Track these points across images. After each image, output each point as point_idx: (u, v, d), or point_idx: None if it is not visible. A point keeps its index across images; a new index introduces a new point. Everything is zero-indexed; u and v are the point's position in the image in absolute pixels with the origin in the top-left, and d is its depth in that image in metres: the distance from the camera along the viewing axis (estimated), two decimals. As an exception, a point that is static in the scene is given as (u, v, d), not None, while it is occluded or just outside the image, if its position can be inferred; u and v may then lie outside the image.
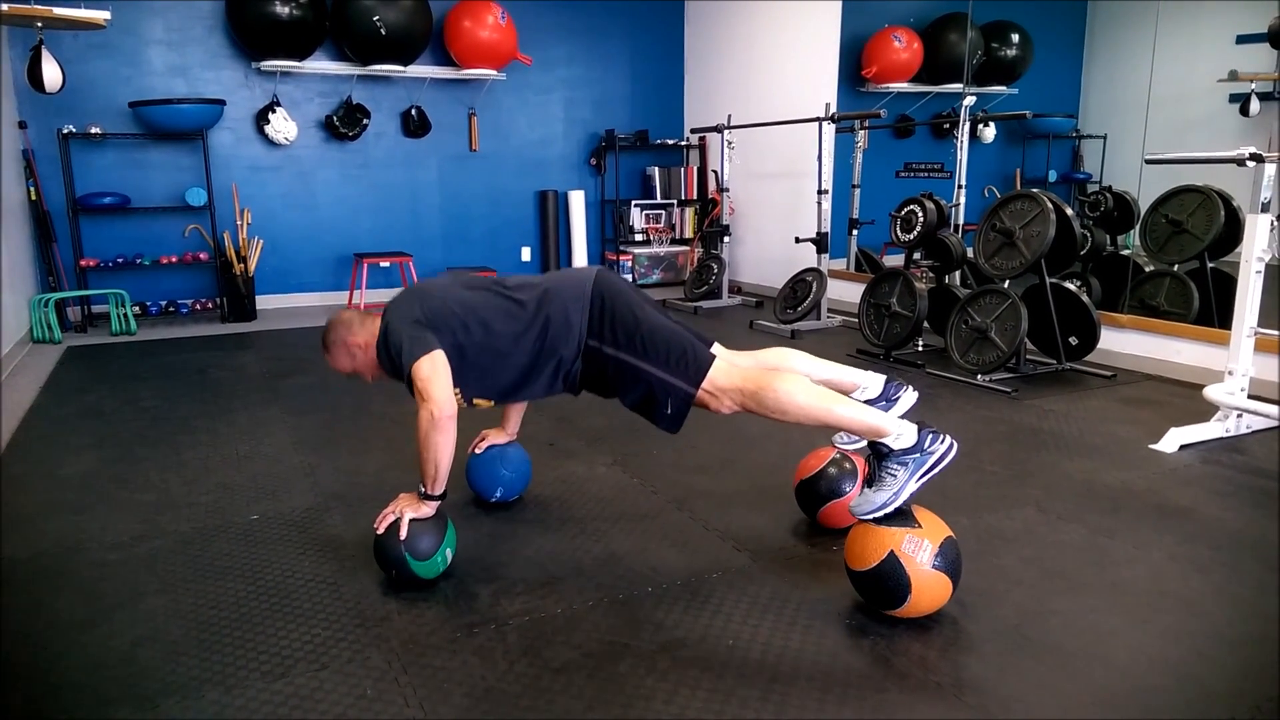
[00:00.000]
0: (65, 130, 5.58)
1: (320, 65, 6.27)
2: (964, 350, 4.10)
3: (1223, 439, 3.16)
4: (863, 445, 2.08)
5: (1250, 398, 3.11)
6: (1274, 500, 2.62)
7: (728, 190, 6.46)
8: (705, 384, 2.04)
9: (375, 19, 5.92)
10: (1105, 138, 5.79)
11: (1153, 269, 4.62)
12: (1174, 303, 4.43)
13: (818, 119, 5.41)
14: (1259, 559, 2.23)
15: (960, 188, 4.81)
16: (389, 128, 6.68)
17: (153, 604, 2.04)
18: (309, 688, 1.70)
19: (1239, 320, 3.07)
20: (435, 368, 2.06)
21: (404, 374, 2.08)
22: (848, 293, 5.85)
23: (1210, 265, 4.33)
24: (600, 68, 7.34)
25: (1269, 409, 3.03)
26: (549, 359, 2.17)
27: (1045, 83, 6.10)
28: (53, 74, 4.63)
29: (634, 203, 7.40)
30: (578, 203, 7.31)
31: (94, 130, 5.66)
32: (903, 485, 1.87)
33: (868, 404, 2.09)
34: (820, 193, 5.45)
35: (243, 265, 5.94)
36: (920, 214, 4.49)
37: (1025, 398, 3.75)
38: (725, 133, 6.27)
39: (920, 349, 4.59)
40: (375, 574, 2.15)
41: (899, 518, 1.88)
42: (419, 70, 6.48)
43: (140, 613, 2.00)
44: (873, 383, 2.17)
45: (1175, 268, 4.46)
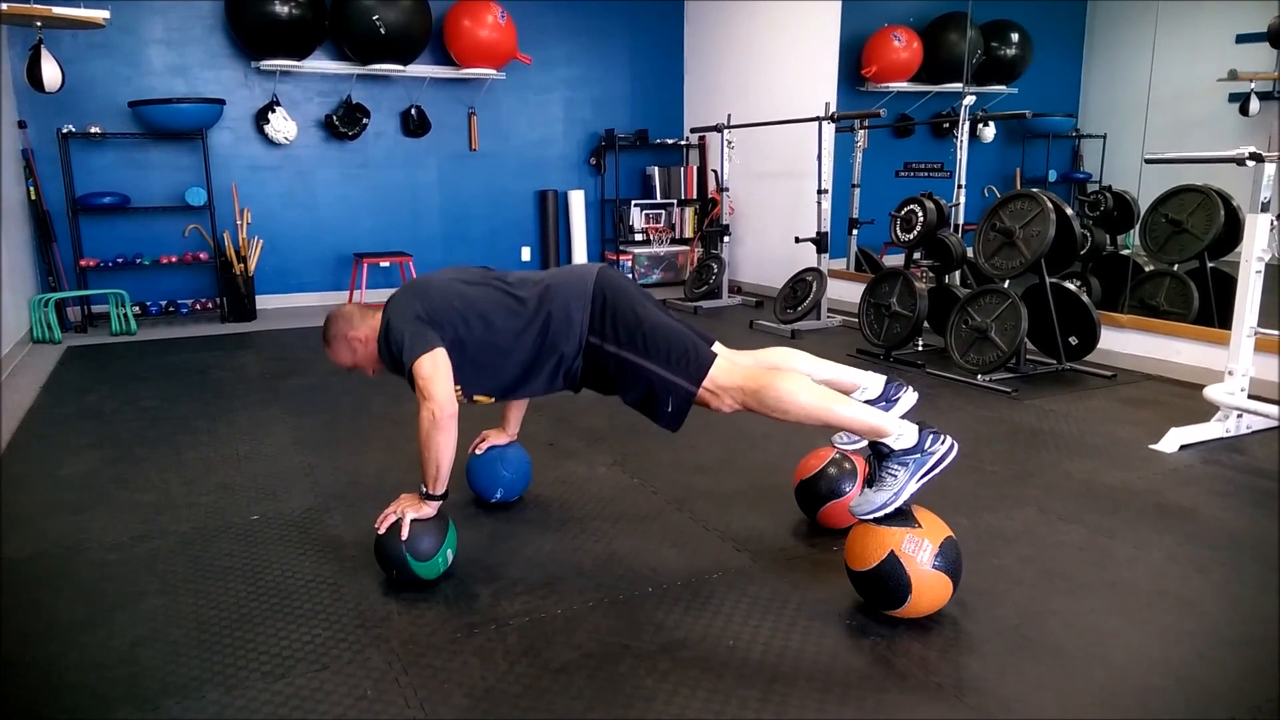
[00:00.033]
0: (65, 130, 5.57)
1: (320, 65, 6.27)
2: (964, 350, 4.10)
3: (1223, 439, 3.16)
4: (863, 445, 2.08)
5: (1250, 398, 3.11)
6: (1274, 500, 2.62)
7: (727, 190, 6.46)
8: (706, 382, 2.04)
9: (375, 18, 5.92)
10: (1105, 137, 5.79)
11: (1153, 269, 4.62)
12: (1174, 303, 4.43)
13: (817, 118, 5.41)
14: (1259, 559, 2.23)
15: (960, 187, 4.81)
16: (389, 127, 6.68)
17: (153, 604, 2.04)
18: (309, 688, 1.70)
19: (1239, 320, 3.07)
20: (436, 366, 2.06)
21: (405, 371, 2.08)
22: (848, 292, 5.85)
23: (1210, 265, 4.33)
24: (600, 67, 7.34)
25: (1269, 409, 3.03)
26: (550, 356, 2.17)
27: (1045, 82, 6.10)
28: (52, 73, 4.62)
29: (634, 202, 7.40)
30: (578, 202, 7.31)
31: (94, 130, 5.66)
32: (903, 485, 1.87)
33: (868, 404, 2.09)
34: (820, 192, 5.45)
35: (242, 265, 5.94)
36: (920, 214, 4.49)
37: (1025, 398, 3.75)
38: (725, 132, 6.27)
39: (920, 349, 4.59)
40: (376, 574, 2.15)
41: (899, 518, 1.88)
42: (419, 70, 6.48)
43: (140, 613, 2.00)
44: (873, 383, 2.17)
45: (1175, 267, 4.46)
